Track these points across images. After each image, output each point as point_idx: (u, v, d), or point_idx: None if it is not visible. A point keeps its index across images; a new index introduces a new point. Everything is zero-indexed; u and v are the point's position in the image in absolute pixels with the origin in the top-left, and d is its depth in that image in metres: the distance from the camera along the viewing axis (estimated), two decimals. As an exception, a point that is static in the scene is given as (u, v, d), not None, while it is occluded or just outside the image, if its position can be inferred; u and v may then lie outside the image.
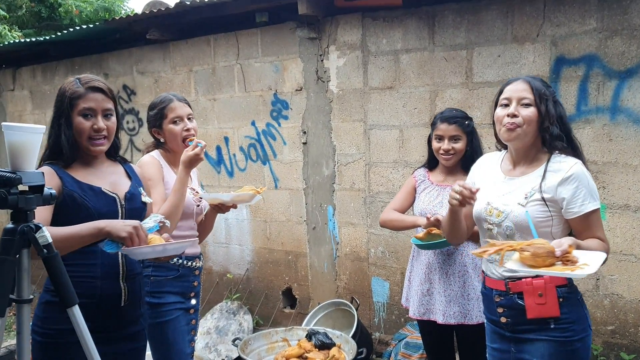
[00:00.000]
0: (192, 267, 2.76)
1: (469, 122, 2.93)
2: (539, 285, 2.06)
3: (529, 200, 2.08)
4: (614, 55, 3.52)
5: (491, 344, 2.28)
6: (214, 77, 5.27)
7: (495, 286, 2.18)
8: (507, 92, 2.15)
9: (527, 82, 2.14)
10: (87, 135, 2.08)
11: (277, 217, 5.08)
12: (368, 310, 4.63)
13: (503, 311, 2.15)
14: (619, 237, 3.59)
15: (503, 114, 2.12)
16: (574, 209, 2.05)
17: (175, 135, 2.71)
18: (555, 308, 2.05)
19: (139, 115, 5.82)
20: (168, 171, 2.74)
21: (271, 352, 3.86)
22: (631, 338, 3.62)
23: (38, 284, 6.20)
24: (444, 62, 4.09)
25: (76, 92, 2.07)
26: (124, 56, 5.86)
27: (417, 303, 2.95)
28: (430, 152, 3.05)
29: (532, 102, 2.09)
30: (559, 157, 2.11)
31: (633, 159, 3.51)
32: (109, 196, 2.13)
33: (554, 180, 2.06)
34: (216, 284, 5.45)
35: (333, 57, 4.58)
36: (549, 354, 2.06)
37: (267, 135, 5.04)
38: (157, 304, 2.62)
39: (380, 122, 4.43)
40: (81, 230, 1.91)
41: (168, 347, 2.66)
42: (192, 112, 2.81)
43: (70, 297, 1.74)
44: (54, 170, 2.03)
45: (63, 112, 2.07)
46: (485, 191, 2.22)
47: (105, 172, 2.19)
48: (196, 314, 2.83)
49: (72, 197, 2.02)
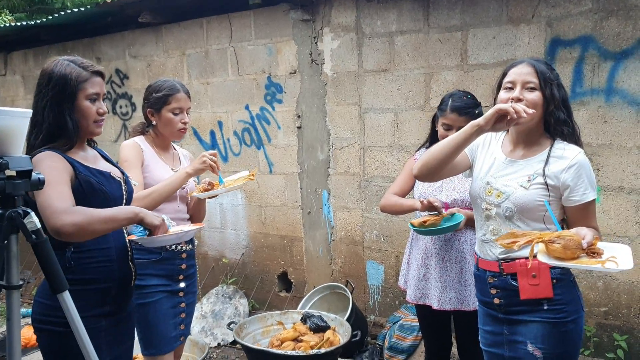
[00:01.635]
0: (178, 251, 2.76)
1: (479, 110, 2.84)
2: (533, 266, 2.05)
3: (532, 183, 2.07)
4: (609, 36, 3.49)
5: (483, 327, 2.28)
6: (207, 61, 5.23)
7: (488, 267, 2.18)
8: (512, 75, 2.12)
9: (531, 65, 2.10)
10: (94, 119, 2.08)
11: (272, 202, 5.07)
12: (363, 294, 4.65)
13: (496, 292, 2.16)
14: (613, 219, 3.59)
15: (507, 98, 2.09)
16: (575, 197, 2.05)
17: (172, 124, 2.77)
18: (549, 289, 2.06)
19: (132, 100, 5.78)
20: (152, 155, 2.74)
21: (266, 336, 3.87)
22: (624, 319, 3.64)
23: (34, 270, 6.21)
24: (439, 44, 4.06)
25: (82, 76, 2.03)
26: (116, 40, 5.80)
27: (413, 287, 2.94)
28: (432, 132, 2.99)
29: (536, 86, 2.07)
30: (562, 144, 2.10)
31: (627, 140, 3.50)
32: (116, 180, 2.16)
33: (557, 167, 2.06)
34: (212, 269, 5.45)
35: (327, 40, 4.54)
36: (542, 335, 2.06)
37: (261, 119, 5.01)
38: (140, 286, 2.64)
39: (375, 106, 4.40)
40: (120, 213, 1.98)
41: (149, 328, 2.69)
42: None
43: (60, 283, 1.73)
44: (61, 155, 1.99)
45: (67, 96, 2.01)
46: (484, 170, 2.22)
47: (92, 157, 2.19)
48: (188, 297, 2.84)
49: (89, 182, 2.01)
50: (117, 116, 5.91)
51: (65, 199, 1.85)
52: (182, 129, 2.79)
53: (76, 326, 1.74)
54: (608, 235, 3.59)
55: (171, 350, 2.76)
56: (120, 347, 2.17)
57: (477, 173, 2.26)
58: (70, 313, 1.73)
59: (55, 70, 2.03)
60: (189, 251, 2.83)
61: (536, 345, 2.07)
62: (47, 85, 2.03)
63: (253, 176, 2.79)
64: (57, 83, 2.01)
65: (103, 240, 2.06)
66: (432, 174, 2.23)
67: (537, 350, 2.06)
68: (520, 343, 2.11)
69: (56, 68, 2.04)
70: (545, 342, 2.06)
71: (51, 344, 2.02)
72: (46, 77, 2.04)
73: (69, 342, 1.97)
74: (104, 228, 1.91)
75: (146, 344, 2.72)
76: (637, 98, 3.45)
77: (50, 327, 2.00)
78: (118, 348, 2.15)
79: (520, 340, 2.11)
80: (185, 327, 2.85)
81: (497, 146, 2.26)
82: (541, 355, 2.06)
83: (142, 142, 2.76)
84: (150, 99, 2.77)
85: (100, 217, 1.89)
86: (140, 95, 5.81)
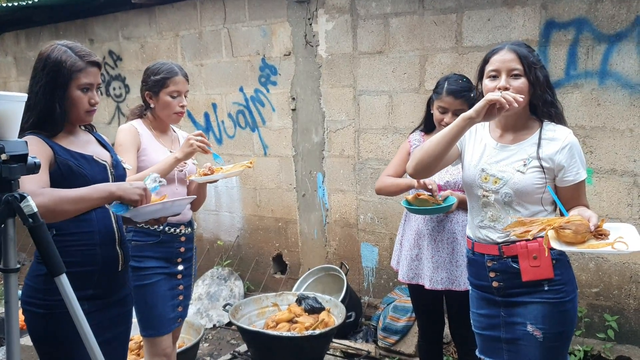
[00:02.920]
0: (177, 234, 2.78)
1: (474, 94, 2.85)
2: (534, 248, 2.08)
3: (528, 167, 2.09)
4: (603, 18, 3.49)
5: (477, 310, 2.29)
6: (201, 42, 5.20)
7: (487, 251, 2.19)
8: (495, 63, 2.11)
9: (513, 51, 2.09)
10: (85, 109, 2.07)
11: (267, 185, 5.08)
12: (357, 275, 4.68)
13: (495, 275, 2.17)
14: (605, 201, 3.62)
15: (493, 87, 2.08)
16: (569, 177, 2.08)
17: (170, 107, 2.76)
18: (550, 270, 2.08)
19: (126, 82, 5.75)
20: (150, 139, 2.74)
21: (261, 317, 3.91)
22: (615, 300, 3.69)
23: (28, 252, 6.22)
24: (434, 26, 4.05)
25: (77, 65, 2.02)
26: (109, 21, 5.75)
27: (406, 267, 2.97)
28: (427, 115, 2.99)
29: (521, 72, 2.07)
30: (551, 125, 2.12)
31: (620, 123, 3.52)
32: (100, 164, 2.14)
33: (551, 149, 2.08)
34: (207, 251, 5.47)
35: (322, 21, 4.52)
36: (542, 316, 2.09)
37: (255, 101, 5.00)
38: (138, 268, 2.67)
39: (370, 88, 4.40)
40: (92, 193, 1.93)
41: (148, 310, 2.72)
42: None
43: (57, 266, 1.73)
44: (42, 140, 2.00)
45: (60, 83, 2.01)
46: (476, 157, 2.22)
47: (85, 141, 2.18)
48: (185, 279, 2.86)
49: (68, 165, 2.01)
50: (111, 98, 5.89)
51: (35, 182, 1.85)
52: (179, 113, 2.79)
53: (74, 309, 1.75)
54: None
55: (169, 332, 2.79)
56: (111, 331, 2.16)
57: (468, 161, 2.25)
58: (68, 296, 1.74)
59: (52, 56, 2.02)
60: (188, 234, 2.85)
61: (536, 325, 2.09)
62: (42, 70, 2.02)
63: (251, 164, 2.79)
64: (51, 69, 2.01)
65: (87, 225, 2.06)
66: (427, 170, 2.22)
67: (537, 331, 2.09)
68: (519, 324, 2.13)
69: (52, 54, 2.02)
70: (545, 323, 2.08)
71: (34, 325, 2.04)
72: (42, 62, 2.03)
73: (50, 324, 2.00)
74: (75, 208, 1.89)
75: (145, 326, 2.75)
76: (631, 81, 3.46)
77: (33, 308, 2.02)
78: (108, 332, 2.14)
79: (519, 322, 2.13)
80: (183, 310, 2.88)
81: (485, 132, 2.26)
82: (541, 335, 2.08)
83: (140, 126, 2.76)
84: (149, 82, 2.76)
85: (69, 198, 1.87)
86: (133, 77, 5.82)
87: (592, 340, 3.70)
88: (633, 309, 3.64)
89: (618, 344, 3.65)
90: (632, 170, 3.53)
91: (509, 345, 2.18)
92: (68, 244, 2.01)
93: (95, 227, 2.09)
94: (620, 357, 3.59)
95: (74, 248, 2.02)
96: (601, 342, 3.67)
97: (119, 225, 2.19)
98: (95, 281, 2.09)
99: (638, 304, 3.63)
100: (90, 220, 2.07)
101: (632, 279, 3.61)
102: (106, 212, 2.13)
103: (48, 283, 1.90)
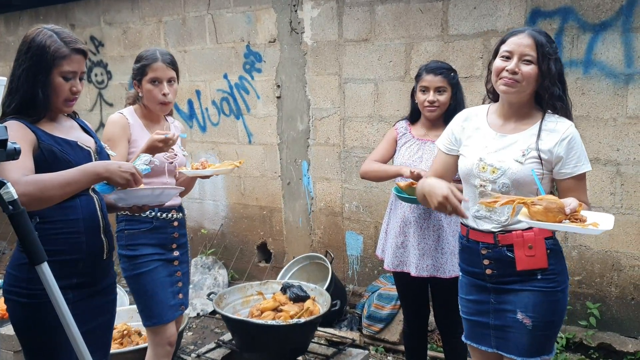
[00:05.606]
0: (169, 219, 2.75)
1: (454, 74, 2.89)
2: (530, 237, 2.08)
3: (526, 157, 2.07)
4: (589, 7, 3.50)
5: (466, 296, 2.29)
6: (185, 28, 5.13)
7: (482, 239, 2.17)
8: (510, 44, 2.08)
9: (531, 36, 2.06)
10: (66, 97, 2.02)
11: (252, 173, 5.05)
12: (342, 264, 4.68)
13: (489, 263, 2.16)
14: (589, 190, 3.59)
15: (502, 67, 2.06)
16: (566, 170, 2.06)
17: (152, 96, 2.67)
18: (544, 260, 2.08)
19: (108, 68, 5.66)
20: (140, 128, 2.69)
21: (246, 306, 3.88)
22: (597, 288, 3.74)
23: (9, 240, 6.13)
24: (420, 13, 4.03)
25: (61, 51, 1.97)
26: (90, 6, 5.64)
27: (391, 255, 2.97)
28: (412, 105, 3.00)
29: (534, 59, 2.04)
30: (553, 117, 2.10)
31: (604, 112, 3.54)
32: (84, 149, 2.10)
33: (550, 141, 2.06)
34: (190, 240, 5.39)
35: (307, 8, 4.48)
36: (533, 304, 2.09)
37: (240, 88, 4.95)
38: (133, 256, 2.63)
39: (355, 76, 4.38)
40: (79, 175, 1.89)
41: (148, 298, 2.67)
42: (176, 74, 2.73)
43: (38, 255, 1.70)
44: (25, 125, 1.96)
45: (42, 68, 1.96)
46: (474, 147, 2.20)
47: (67, 127, 2.14)
48: (182, 266, 2.82)
49: (52, 151, 1.97)
50: (93, 85, 5.79)
51: (19, 169, 1.81)
52: (163, 103, 2.67)
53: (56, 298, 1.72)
54: (583, 206, 3.66)
55: (173, 319, 2.73)
56: (95, 321, 2.13)
57: (465, 151, 2.23)
58: (50, 285, 1.71)
59: (36, 40, 1.97)
60: (180, 219, 2.82)
61: (526, 313, 2.09)
62: (25, 53, 1.98)
63: (240, 164, 2.75)
64: (34, 53, 1.96)
65: (71, 212, 2.03)
66: None
67: (526, 319, 2.09)
68: (509, 312, 2.13)
69: (37, 37, 1.97)
70: (536, 311, 2.09)
71: (15, 314, 2.01)
72: (26, 45, 1.99)
73: (33, 313, 1.97)
74: (62, 193, 1.87)
75: (147, 315, 2.69)
76: (615, 70, 3.48)
77: (15, 297, 1.99)
78: (92, 321, 2.11)
79: (509, 309, 2.13)
80: (184, 297, 2.82)
81: (482, 121, 2.23)
82: (530, 323, 2.09)
83: (131, 115, 2.70)
84: (134, 69, 2.71)
85: (55, 183, 1.84)
86: (115, 64, 5.73)
87: (574, 328, 3.74)
88: (614, 297, 3.69)
89: (600, 331, 3.69)
90: (615, 159, 3.56)
91: (497, 331, 2.19)
92: (52, 232, 1.97)
93: (80, 214, 2.05)
94: (601, 344, 3.63)
95: (59, 236, 1.98)
96: (583, 329, 3.72)
97: (103, 212, 2.15)
98: (80, 270, 2.05)
99: (619, 292, 3.67)
100: (75, 208, 2.03)
101: (614, 267, 3.65)
102: (90, 200, 2.09)
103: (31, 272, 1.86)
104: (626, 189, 3.55)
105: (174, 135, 2.52)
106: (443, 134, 2.37)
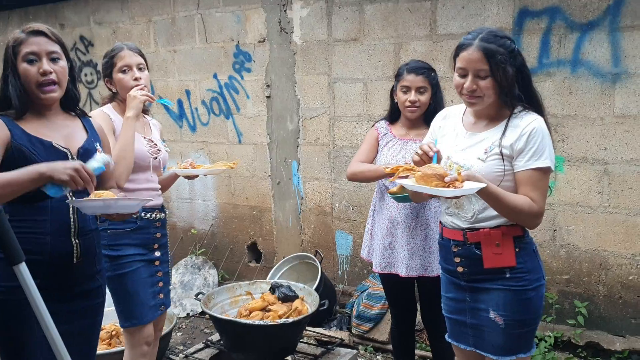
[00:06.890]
0: (152, 219, 2.73)
1: (434, 74, 2.90)
2: (497, 235, 2.09)
3: (488, 155, 2.08)
4: (576, 7, 3.50)
5: (446, 294, 2.32)
6: (174, 28, 5.11)
7: (453, 236, 2.20)
8: (462, 61, 2.07)
9: (480, 49, 2.02)
10: (35, 81, 2.00)
11: (241, 172, 5.04)
12: (332, 263, 4.68)
13: (460, 261, 2.18)
14: (576, 189, 3.66)
15: (461, 84, 2.08)
16: (519, 164, 2.05)
17: (124, 84, 2.66)
18: (512, 258, 2.09)
19: (97, 68, 5.63)
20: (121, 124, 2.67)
21: (234, 306, 3.87)
22: (585, 287, 3.74)
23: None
24: (408, 13, 4.03)
25: (17, 38, 2.00)
26: (80, 6, 5.62)
27: (379, 257, 2.96)
28: (392, 105, 3.01)
29: (487, 72, 2.03)
30: (521, 114, 2.10)
31: (592, 112, 3.55)
32: (60, 151, 2.04)
33: (512, 136, 2.06)
34: (180, 240, 5.42)
35: (296, 7, 4.47)
36: (504, 303, 2.10)
37: (229, 88, 4.94)
38: (116, 257, 2.61)
39: (345, 76, 4.37)
40: (20, 175, 1.81)
41: (129, 299, 2.65)
42: (144, 62, 2.75)
43: (16, 254, 1.69)
44: (3, 122, 1.95)
45: (8, 61, 2.00)
46: (446, 145, 2.22)
47: (59, 125, 2.11)
48: (163, 266, 2.81)
49: (21, 151, 1.95)
50: (82, 84, 5.77)
51: None
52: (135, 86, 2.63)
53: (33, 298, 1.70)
54: (571, 205, 3.67)
55: (152, 320, 2.72)
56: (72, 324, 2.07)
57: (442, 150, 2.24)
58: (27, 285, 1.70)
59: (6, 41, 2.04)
60: (162, 219, 2.81)
61: (498, 312, 2.11)
62: (3, 57, 2.02)
63: (235, 164, 2.75)
64: (5, 53, 2.02)
65: (40, 212, 1.99)
66: None
67: (498, 317, 2.10)
68: (482, 310, 2.15)
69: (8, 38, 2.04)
70: (506, 309, 2.10)
71: None
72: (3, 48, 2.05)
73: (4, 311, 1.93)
74: (3, 193, 1.79)
75: (126, 316, 2.67)
76: (602, 70, 3.49)
77: None
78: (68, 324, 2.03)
79: (482, 308, 2.15)
80: (165, 297, 2.81)
81: (457, 120, 2.26)
82: (502, 321, 2.10)
83: (111, 112, 2.68)
84: (102, 69, 2.73)
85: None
86: (105, 63, 5.65)
87: (562, 327, 3.75)
88: (602, 296, 3.70)
89: (588, 330, 3.70)
90: (602, 158, 3.56)
91: (473, 330, 2.20)
92: (19, 230, 1.92)
93: (49, 215, 2.01)
94: (589, 342, 3.64)
95: (22, 235, 1.90)
96: (571, 328, 3.72)
97: (78, 215, 2.09)
98: (44, 272, 1.98)
99: (607, 291, 3.68)
100: (45, 208, 1.99)
101: (602, 265, 3.66)
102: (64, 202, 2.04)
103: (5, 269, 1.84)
104: (614, 188, 3.56)
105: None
106: (428, 133, 2.39)
